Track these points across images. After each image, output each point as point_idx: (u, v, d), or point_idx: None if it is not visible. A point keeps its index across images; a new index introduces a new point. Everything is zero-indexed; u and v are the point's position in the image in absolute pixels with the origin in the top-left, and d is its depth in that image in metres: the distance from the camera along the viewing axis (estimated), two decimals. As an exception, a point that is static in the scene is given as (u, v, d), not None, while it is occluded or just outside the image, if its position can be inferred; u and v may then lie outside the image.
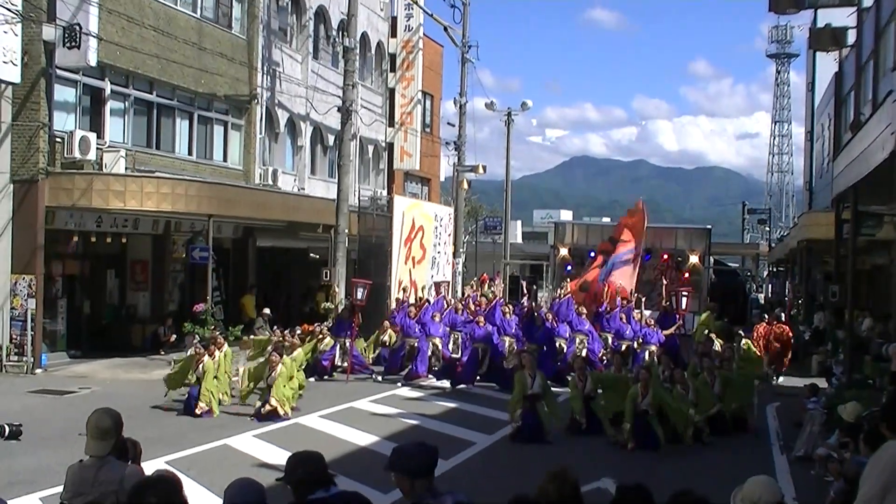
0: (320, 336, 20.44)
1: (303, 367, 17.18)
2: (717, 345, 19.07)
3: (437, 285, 25.98)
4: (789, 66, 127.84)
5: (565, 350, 20.91)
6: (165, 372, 17.20)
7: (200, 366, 15.79)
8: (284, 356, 16.11)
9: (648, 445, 13.47)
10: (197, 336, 18.83)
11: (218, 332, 18.78)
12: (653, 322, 21.82)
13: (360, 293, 20.54)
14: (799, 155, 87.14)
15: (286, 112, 29.31)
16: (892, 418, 5.41)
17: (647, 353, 20.03)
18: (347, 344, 20.23)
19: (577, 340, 21.20)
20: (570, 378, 16.15)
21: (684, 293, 22.60)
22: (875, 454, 2.77)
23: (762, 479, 4.64)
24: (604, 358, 20.58)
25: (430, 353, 20.57)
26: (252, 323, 24.42)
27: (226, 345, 17.04)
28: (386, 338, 21.75)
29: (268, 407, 15.18)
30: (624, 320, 21.96)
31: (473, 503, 5.00)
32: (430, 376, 20.45)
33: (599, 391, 15.19)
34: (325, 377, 20.12)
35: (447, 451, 11.50)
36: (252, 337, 20.68)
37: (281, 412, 15.21)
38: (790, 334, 22.34)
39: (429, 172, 41.14)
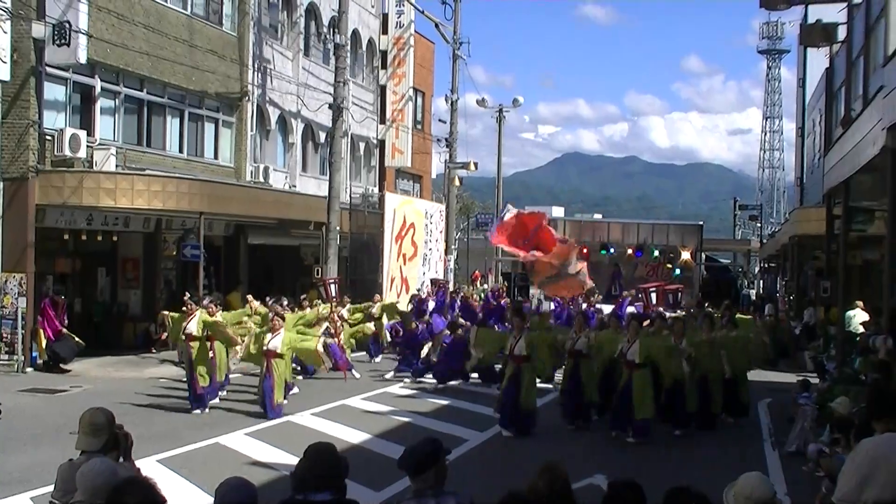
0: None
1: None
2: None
3: (436, 283, 25.84)
4: (780, 63, 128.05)
5: None
6: (157, 370, 17.17)
7: (192, 320, 15.94)
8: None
9: (624, 427, 13.80)
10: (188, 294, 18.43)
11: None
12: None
13: (332, 290, 20.74)
14: (790, 151, 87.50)
15: (277, 109, 29.26)
16: (876, 406, 5.42)
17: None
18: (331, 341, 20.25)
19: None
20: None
21: (652, 289, 22.25)
22: (853, 450, 2.78)
23: (754, 476, 4.63)
24: None
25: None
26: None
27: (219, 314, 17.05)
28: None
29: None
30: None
31: None
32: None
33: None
34: (309, 375, 19.99)
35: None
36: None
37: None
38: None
39: (420, 169, 41.11)
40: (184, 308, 16.66)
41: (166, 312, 17.54)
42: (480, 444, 13.58)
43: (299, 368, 19.20)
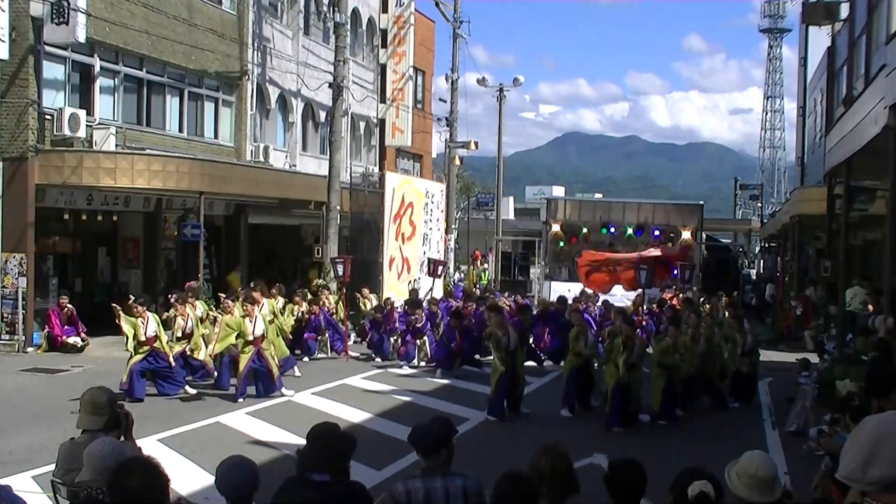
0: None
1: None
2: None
3: (434, 263, 25.57)
4: (782, 41, 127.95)
5: None
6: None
7: (188, 319, 16.01)
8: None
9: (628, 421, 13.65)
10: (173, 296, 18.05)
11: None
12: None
13: (339, 270, 20.54)
14: (791, 130, 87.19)
15: (277, 88, 29.15)
16: (875, 383, 5.43)
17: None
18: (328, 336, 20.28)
19: None
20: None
21: (643, 267, 21.66)
22: (854, 430, 2.79)
23: (756, 454, 4.64)
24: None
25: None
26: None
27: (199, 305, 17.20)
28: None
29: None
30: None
31: (483, 489, 4.98)
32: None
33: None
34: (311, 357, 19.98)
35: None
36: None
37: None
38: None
39: (421, 149, 40.99)
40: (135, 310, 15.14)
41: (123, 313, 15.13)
42: (480, 424, 13.61)
43: (299, 352, 19.26)
